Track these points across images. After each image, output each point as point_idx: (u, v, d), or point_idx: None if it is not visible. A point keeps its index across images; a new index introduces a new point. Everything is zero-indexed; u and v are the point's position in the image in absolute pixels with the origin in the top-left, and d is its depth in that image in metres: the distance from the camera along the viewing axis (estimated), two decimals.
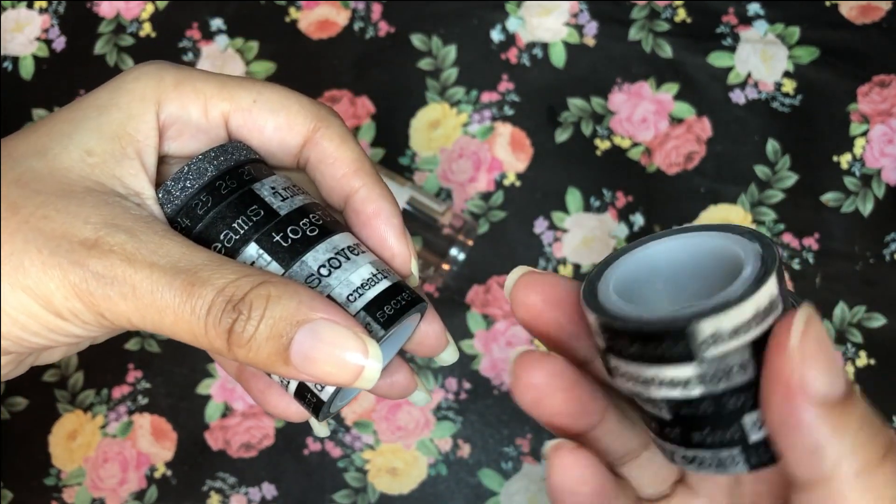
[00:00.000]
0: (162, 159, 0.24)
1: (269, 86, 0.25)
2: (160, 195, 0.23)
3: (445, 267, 0.54)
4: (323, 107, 0.25)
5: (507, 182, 0.57)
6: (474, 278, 0.56)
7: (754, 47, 0.58)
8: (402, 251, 0.25)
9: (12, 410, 0.57)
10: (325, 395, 0.22)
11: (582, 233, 0.56)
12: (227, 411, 0.56)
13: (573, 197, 0.57)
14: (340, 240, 0.23)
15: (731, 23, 0.58)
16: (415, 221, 0.53)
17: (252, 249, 0.22)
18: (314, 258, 0.22)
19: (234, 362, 0.27)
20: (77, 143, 0.22)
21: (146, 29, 0.61)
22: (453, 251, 0.53)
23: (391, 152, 0.58)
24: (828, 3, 0.58)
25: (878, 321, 0.55)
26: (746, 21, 0.58)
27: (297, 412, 0.26)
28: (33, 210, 0.21)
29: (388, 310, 0.22)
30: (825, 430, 0.17)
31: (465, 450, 0.55)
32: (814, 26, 0.58)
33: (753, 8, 0.59)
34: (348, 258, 0.23)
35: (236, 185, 0.23)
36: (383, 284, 0.23)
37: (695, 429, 0.20)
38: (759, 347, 0.18)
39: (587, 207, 0.57)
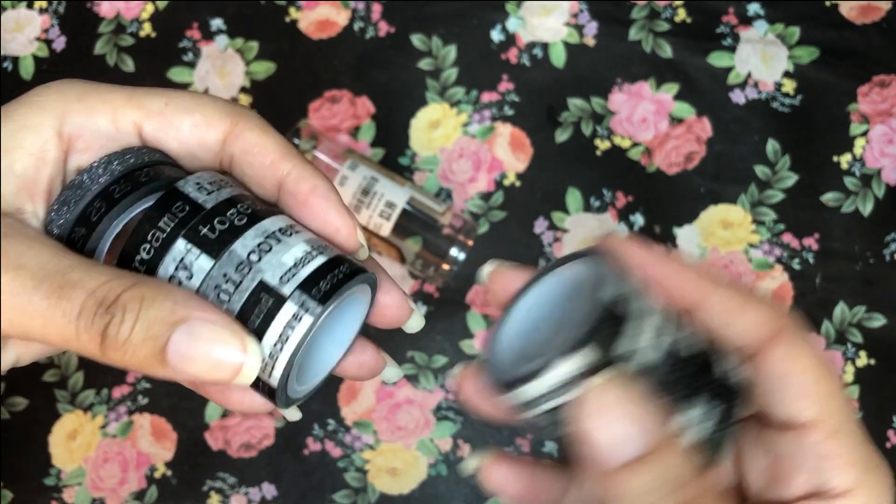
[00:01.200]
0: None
1: (180, 91, 0.25)
2: (50, 210, 0.23)
3: (445, 267, 0.54)
4: (237, 104, 0.25)
5: (507, 182, 0.57)
6: (474, 278, 0.56)
7: (754, 47, 0.58)
8: (345, 223, 0.24)
9: (12, 410, 0.57)
10: (273, 381, 0.22)
11: (582, 233, 0.56)
12: (227, 411, 0.56)
13: (573, 197, 0.57)
14: (271, 223, 0.23)
15: (731, 23, 0.58)
16: (415, 221, 0.53)
17: (180, 244, 0.22)
18: (242, 245, 0.22)
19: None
20: None
21: (146, 29, 0.61)
22: (453, 251, 0.53)
23: (391, 152, 0.58)
24: (828, 3, 0.58)
25: (878, 321, 0.55)
26: (746, 21, 0.58)
27: (261, 403, 0.25)
28: None
29: (324, 285, 0.22)
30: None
31: (465, 450, 0.55)
32: (814, 26, 0.58)
33: (753, 8, 0.59)
34: (279, 240, 0.22)
35: (131, 187, 0.23)
36: (318, 260, 0.22)
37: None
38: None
39: (587, 207, 0.57)
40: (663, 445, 0.20)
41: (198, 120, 0.24)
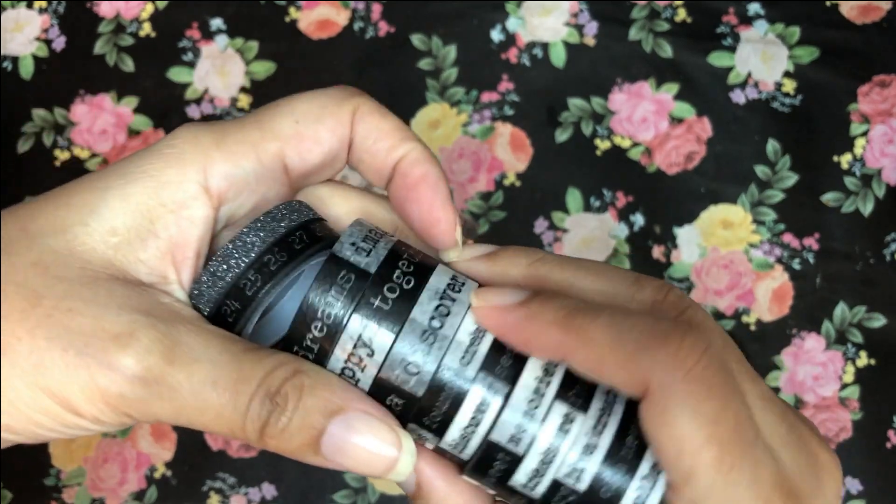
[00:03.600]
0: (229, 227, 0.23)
1: (299, 99, 0.24)
2: (194, 285, 0.22)
3: None
4: (348, 87, 0.24)
5: (507, 182, 0.57)
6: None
7: (754, 47, 0.58)
8: (447, 217, 0.23)
9: None
10: (465, 457, 0.21)
11: (582, 233, 0.56)
12: None
13: (573, 197, 0.57)
14: (438, 281, 0.22)
15: (731, 23, 0.58)
16: None
17: (355, 321, 0.21)
18: (421, 312, 0.21)
19: None
20: (99, 219, 0.20)
21: (146, 29, 0.61)
22: None
23: None
24: (828, 3, 0.58)
25: (878, 321, 0.55)
26: (747, 21, 0.58)
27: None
28: (56, 302, 0.19)
29: (504, 361, 0.21)
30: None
31: None
32: (814, 26, 0.58)
33: (753, 8, 0.59)
34: (453, 300, 0.21)
35: (286, 257, 0.22)
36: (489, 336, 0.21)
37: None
38: None
39: (587, 207, 0.57)
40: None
41: (332, 124, 0.23)
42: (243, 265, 0.21)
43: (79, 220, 0.20)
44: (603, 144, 0.57)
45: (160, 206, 0.21)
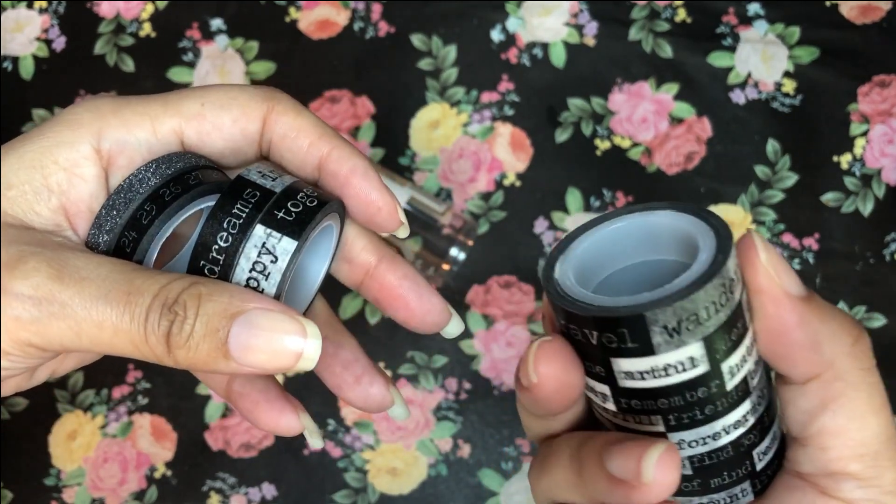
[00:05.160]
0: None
1: (213, 87, 0.24)
2: (93, 222, 0.23)
3: (445, 267, 0.54)
4: (269, 88, 0.25)
5: (507, 182, 0.57)
6: (474, 278, 0.56)
7: (754, 47, 0.58)
8: (385, 202, 0.25)
9: (12, 410, 0.57)
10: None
11: None
12: (226, 411, 0.56)
13: (573, 197, 0.57)
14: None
15: (731, 23, 0.58)
16: (415, 221, 0.53)
17: (259, 230, 0.22)
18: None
19: (222, 381, 0.27)
20: None
21: (146, 29, 0.61)
22: (453, 251, 0.53)
23: (391, 152, 0.58)
24: (828, 3, 0.58)
25: (878, 321, 0.55)
26: (746, 21, 0.58)
27: (286, 426, 0.26)
28: None
29: (293, 212, 0.22)
30: (816, 323, 0.20)
31: (466, 450, 0.55)
32: (814, 26, 0.58)
33: (753, 8, 0.59)
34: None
35: (181, 190, 0.23)
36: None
37: (714, 475, 0.21)
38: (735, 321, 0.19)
39: (587, 207, 0.57)
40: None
41: (237, 114, 0.24)
42: (139, 198, 0.22)
43: None
44: (603, 144, 0.57)
45: (53, 163, 0.22)
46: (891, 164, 0.56)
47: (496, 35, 0.59)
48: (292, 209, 0.22)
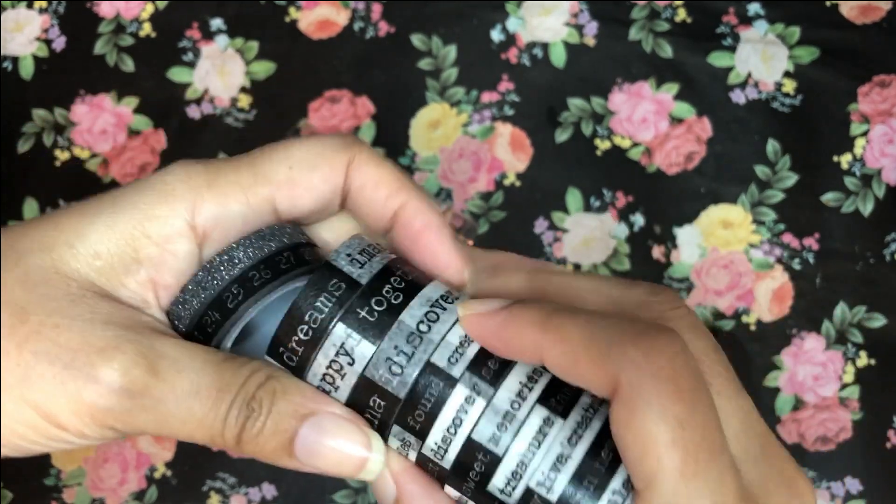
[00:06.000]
0: None
1: (297, 144, 0.24)
2: (177, 296, 0.22)
3: None
4: (347, 135, 0.25)
5: (507, 182, 0.57)
6: None
7: (754, 47, 0.58)
8: (455, 262, 0.24)
9: None
10: (447, 464, 0.21)
11: (582, 233, 0.56)
12: None
13: (573, 197, 0.57)
14: (432, 291, 0.22)
15: (731, 23, 0.58)
16: None
17: (340, 329, 0.21)
18: (410, 316, 0.21)
19: None
20: (85, 243, 0.21)
21: (146, 29, 0.61)
22: None
23: (391, 152, 0.58)
24: (828, 3, 0.58)
25: (878, 321, 0.55)
26: (746, 21, 0.58)
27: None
28: (43, 318, 0.20)
29: (492, 364, 0.21)
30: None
31: None
32: (814, 26, 0.58)
33: (753, 8, 0.59)
34: (444, 309, 0.22)
35: (270, 275, 0.22)
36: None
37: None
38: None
39: (587, 207, 0.57)
40: None
41: (326, 172, 0.24)
42: (228, 278, 0.22)
43: (65, 241, 0.21)
44: (603, 144, 0.57)
45: (145, 237, 0.22)
46: (891, 164, 0.56)
47: (496, 35, 0.59)
48: (375, 308, 0.21)
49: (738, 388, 0.20)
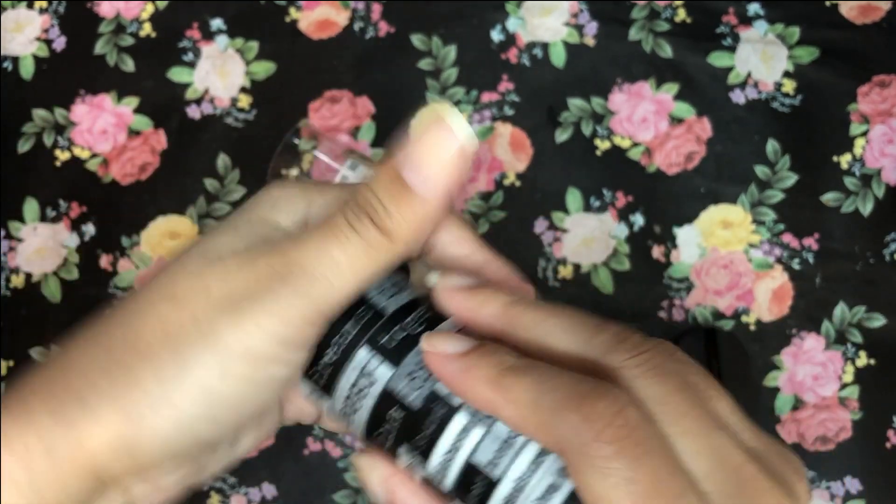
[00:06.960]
0: None
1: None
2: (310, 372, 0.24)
3: None
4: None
5: (507, 182, 0.57)
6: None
7: (754, 47, 0.58)
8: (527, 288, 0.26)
9: None
10: (445, 489, 0.22)
11: (582, 233, 0.56)
12: None
13: (573, 197, 0.57)
14: (447, 325, 0.24)
15: (731, 23, 0.58)
16: None
17: (362, 353, 0.23)
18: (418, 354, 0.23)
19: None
20: (266, 327, 0.22)
21: (146, 29, 0.61)
22: None
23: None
24: (828, 3, 0.58)
25: (878, 321, 0.55)
26: (746, 21, 0.58)
27: (311, 413, 0.27)
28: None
29: None
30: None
31: None
32: (814, 26, 0.58)
33: (753, 8, 0.59)
34: None
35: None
36: None
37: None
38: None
39: (587, 207, 0.57)
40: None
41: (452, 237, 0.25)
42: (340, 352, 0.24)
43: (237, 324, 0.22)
44: (603, 144, 0.57)
45: (324, 316, 0.23)
46: (891, 164, 0.56)
47: (496, 35, 0.59)
48: (396, 336, 0.23)
49: (709, 424, 0.20)
